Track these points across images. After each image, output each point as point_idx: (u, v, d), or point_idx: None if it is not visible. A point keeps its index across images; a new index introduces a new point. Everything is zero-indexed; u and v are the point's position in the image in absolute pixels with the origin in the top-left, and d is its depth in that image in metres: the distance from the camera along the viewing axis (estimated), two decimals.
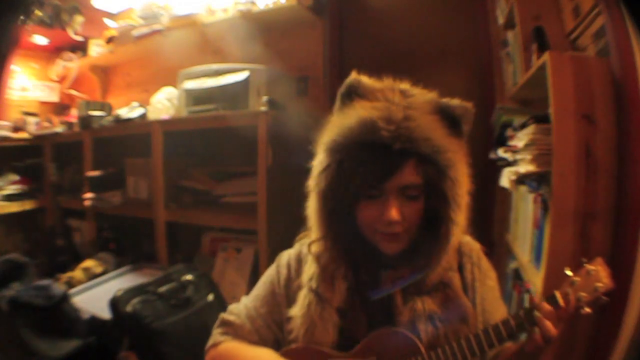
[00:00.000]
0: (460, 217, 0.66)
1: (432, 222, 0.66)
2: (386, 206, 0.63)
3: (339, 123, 0.67)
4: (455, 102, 0.68)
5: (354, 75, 0.70)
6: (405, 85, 0.69)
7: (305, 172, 0.73)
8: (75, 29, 2.71)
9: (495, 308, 0.73)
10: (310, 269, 0.74)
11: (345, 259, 0.71)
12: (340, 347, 0.70)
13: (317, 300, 0.70)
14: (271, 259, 0.84)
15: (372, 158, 0.62)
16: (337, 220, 0.68)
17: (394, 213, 0.62)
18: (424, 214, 0.66)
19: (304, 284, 0.74)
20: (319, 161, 0.69)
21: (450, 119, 0.67)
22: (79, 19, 2.69)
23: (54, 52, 3.17)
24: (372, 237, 0.67)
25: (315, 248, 0.73)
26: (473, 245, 0.77)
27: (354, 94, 0.69)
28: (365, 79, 0.70)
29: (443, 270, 0.70)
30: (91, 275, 2.04)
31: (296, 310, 0.72)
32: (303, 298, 0.72)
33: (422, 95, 0.68)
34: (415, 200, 0.64)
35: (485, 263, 0.76)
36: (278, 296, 0.78)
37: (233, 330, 0.78)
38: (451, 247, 0.68)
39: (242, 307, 0.81)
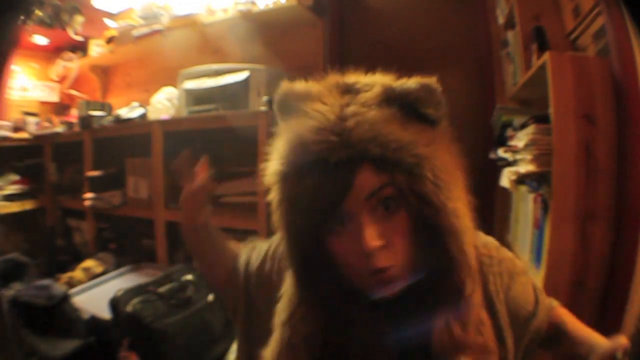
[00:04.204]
0: (460, 222, 0.49)
1: (430, 243, 0.49)
2: (359, 232, 0.47)
3: (279, 148, 0.54)
4: (408, 83, 0.51)
5: (284, 87, 0.56)
6: (350, 79, 0.54)
7: None
8: (75, 29, 2.71)
9: (525, 301, 0.61)
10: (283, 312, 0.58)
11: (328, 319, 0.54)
12: None
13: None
14: None
15: (318, 180, 0.48)
16: (312, 265, 0.53)
17: (369, 236, 0.46)
18: (416, 234, 0.49)
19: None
20: (272, 195, 0.56)
21: (409, 107, 0.50)
22: (79, 19, 2.69)
23: (54, 52, 3.18)
24: (360, 283, 0.51)
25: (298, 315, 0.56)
26: (491, 246, 0.62)
27: (288, 110, 0.55)
28: (299, 86, 0.55)
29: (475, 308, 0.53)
30: (91, 275, 2.04)
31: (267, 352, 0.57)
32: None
33: (370, 87, 0.52)
34: (395, 212, 0.48)
35: (508, 263, 0.61)
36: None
37: None
38: (468, 267, 0.51)
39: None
